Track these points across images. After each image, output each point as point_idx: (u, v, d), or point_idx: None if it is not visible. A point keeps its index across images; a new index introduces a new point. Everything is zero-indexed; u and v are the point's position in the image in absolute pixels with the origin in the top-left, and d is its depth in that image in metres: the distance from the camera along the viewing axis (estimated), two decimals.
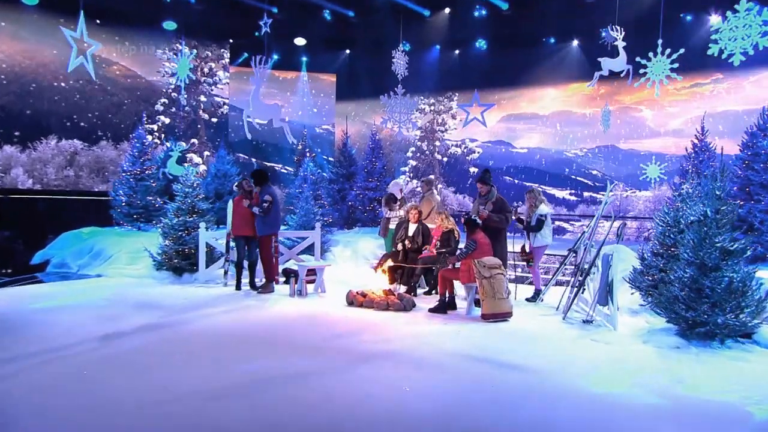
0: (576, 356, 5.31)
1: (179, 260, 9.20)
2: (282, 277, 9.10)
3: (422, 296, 8.29)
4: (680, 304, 5.63)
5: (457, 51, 16.00)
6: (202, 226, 9.07)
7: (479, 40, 15.46)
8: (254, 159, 17.16)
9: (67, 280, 9.20)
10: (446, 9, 14.91)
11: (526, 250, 8.03)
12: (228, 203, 9.10)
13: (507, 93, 16.07)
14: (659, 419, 3.83)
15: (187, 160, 14.53)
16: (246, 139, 16.95)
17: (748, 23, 9.32)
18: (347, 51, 16.98)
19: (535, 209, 7.96)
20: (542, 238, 7.95)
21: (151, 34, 15.14)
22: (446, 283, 7.29)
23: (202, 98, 16.28)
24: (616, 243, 6.26)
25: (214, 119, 16.47)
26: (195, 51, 15.62)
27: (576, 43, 14.46)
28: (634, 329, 6.26)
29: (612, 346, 5.66)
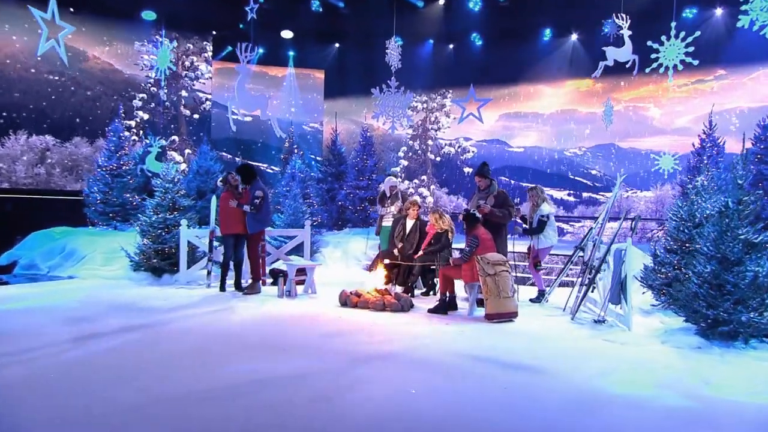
0: (591, 357, 5.08)
1: (158, 260, 8.84)
2: (269, 278, 8.81)
3: (420, 297, 8.03)
4: (700, 302, 5.42)
5: (451, 45, 15.83)
6: (183, 224, 8.74)
7: (474, 34, 15.30)
8: (238, 158, 16.81)
9: (36, 282, 8.79)
10: (440, 0, 14.75)
11: (533, 249, 7.80)
12: (212, 200, 8.82)
13: (503, 90, 15.93)
14: (692, 422, 3.59)
15: (167, 158, 14.15)
16: (230, 137, 16.62)
17: None
18: (336, 45, 16.73)
19: (537, 209, 7.74)
20: (546, 239, 7.72)
21: (129, 24, 14.79)
22: (447, 282, 7.03)
23: (184, 93, 15.93)
24: (630, 236, 6.06)
25: (196, 115, 16.11)
26: (176, 41, 15.27)
27: (575, 37, 14.36)
28: (649, 329, 6.04)
29: (628, 346, 5.44)
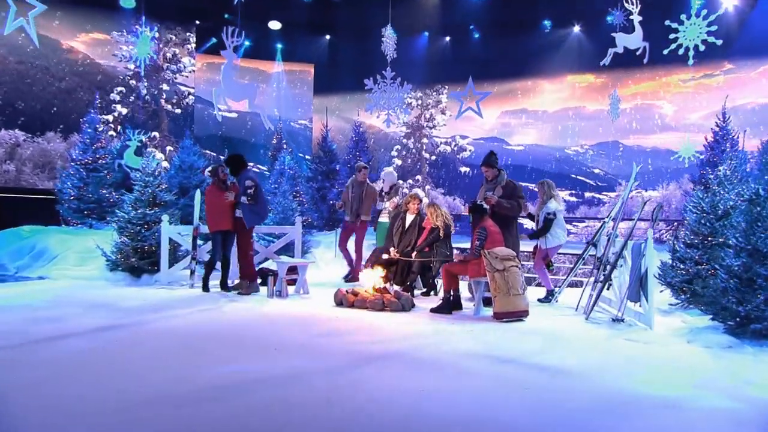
0: (614, 357, 4.80)
1: (137, 259, 8.46)
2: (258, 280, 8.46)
3: (419, 297, 7.73)
4: (730, 298, 5.16)
5: (447, 38, 15.59)
6: (165, 220, 8.37)
7: (472, 26, 15.08)
8: (222, 156, 16.42)
9: (1, 283, 8.36)
10: None
11: (540, 249, 7.54)
12: (196, 195, 8.47)
13: (502, 85, 15.73)
14: (742, 424, 3.32)
15: (147, 153, 13.74)
16: (214, 134, 16.26)
17: None
18: (327, 37, 16.42)
19: (543, 206, 7.48)
20: (553, 238, 7.45)
21: (107, 12, 14.41)
22: (451, 279, 6.72)
23: (165, 87, 15.54)
24: (651, 227, 5.81)
25: (178, 110, 15.72)
26: (156, 28, 14.87)
27: (578, 29, 14.16)
28: (671, 329, 5.77)
29: (652, 346, 5.16)
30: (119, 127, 14.36)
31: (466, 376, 4.13)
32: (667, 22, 10.41)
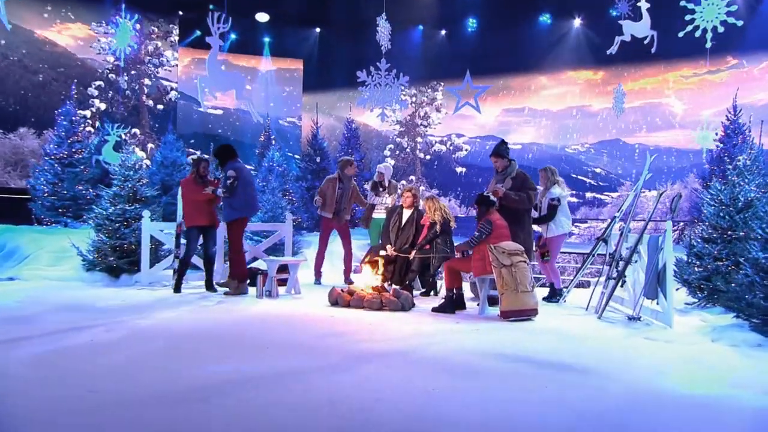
0: (638, 355, 4.57)
1: (116, 258, 8.16)
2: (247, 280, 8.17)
3: (418, 297, 7.47)
4: (756, 292, 4.96)
5: (443, 31, 15.39)
6: (146, 216, 8.05)
7: (470, 19, 14.90)
8: (207, 155, 16.09)
9: None
10: None
11: (543, 240, 7.32)
12: (179, 191, 8.17)
13: (500, 81, 15.54)
14: None
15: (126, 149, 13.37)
16: (199, 131, 15.91)
17: None
18: (317, 30, 16.17)
19: (547, 192, 7.27)
20: (557, 227, 7.21)
21: (84, 2, 14.06)
22: (453, 277, 6.48)
23: (146, 81, 15.20)
24: (670, 218, 5.61)
25: (160, 106, 15.37)
26: (137, 16, 14.52)
27: (579, 22, 14.02)
28: (691, 327, 5.56)
29: (675, 344, 4.93)
30: (97, 123, 13.99)
31: (478, 375, 3.88)
32: (682, 2, 10.10)
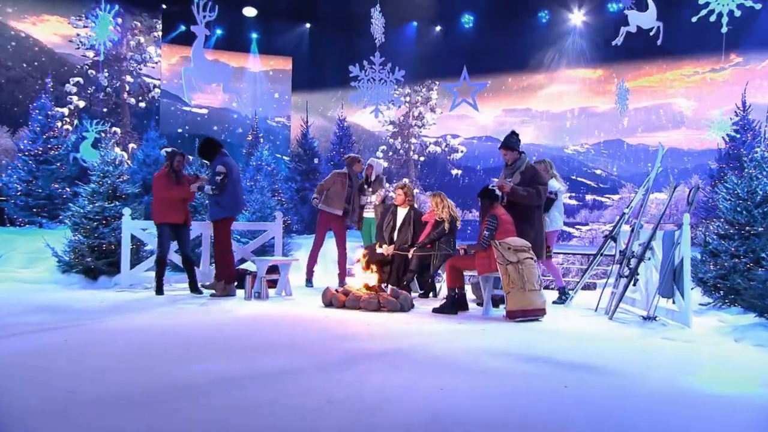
0: (658, 355, 4.39)
1: (94, 259, 7.87)
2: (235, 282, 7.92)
3: (417, 299, 7.25)
4: None
5: (438, 27, 15.23)
6: (126, 214, 7.78)
7: (466, 15, 14.77)
8: (192, 156, 15.82)
9: None
10: None
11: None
12: None
13: (497, 79, 15.39)
14: None
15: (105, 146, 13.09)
16: (182, 132, 15.63)
17: None
18: (307, 25, 15.97)
19: None
20: (551, 222, 7.11)
21: None
22: (456, 276, 6.26)
23: (128, 78, 14.92)
24: (687, 211, 5.45)
25: (143, 104, 15.07)
26: (118, 7, 14.23)
27: (579, 18, 13.91)
28: (709, 328, 5.39)
29: (696, 344, 4.75)
30: (75, 120, 13.68)
31: (490, 375, 3.66)
32: None
